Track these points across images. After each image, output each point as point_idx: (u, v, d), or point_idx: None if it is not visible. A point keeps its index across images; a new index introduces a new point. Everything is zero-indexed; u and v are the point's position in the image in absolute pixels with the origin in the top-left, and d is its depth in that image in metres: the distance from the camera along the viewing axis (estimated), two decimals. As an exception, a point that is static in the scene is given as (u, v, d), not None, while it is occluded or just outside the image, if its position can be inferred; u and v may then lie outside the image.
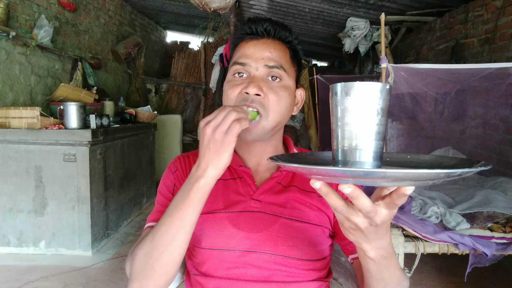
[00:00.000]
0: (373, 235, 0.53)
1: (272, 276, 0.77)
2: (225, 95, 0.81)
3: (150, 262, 0.67)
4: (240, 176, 0.83)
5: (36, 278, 2.43)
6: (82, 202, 2.76)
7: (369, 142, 0.46)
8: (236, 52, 0.84)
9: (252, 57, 0.80)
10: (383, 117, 0.46)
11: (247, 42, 0.82)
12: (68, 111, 2.78)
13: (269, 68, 0.79)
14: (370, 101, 0.45)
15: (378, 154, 0.47)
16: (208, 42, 6.14)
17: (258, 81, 0.78)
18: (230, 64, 0.85)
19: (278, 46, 0.82)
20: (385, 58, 1.90)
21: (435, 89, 3.10)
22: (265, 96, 0.77)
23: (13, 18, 3.12)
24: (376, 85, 0.46)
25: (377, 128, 0.46)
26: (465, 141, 3.61)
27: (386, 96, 0.46)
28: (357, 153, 0.46)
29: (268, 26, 0.82)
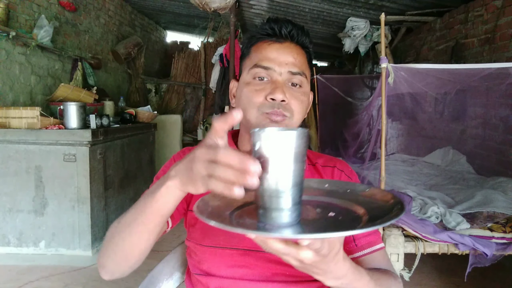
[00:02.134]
0: (322, 269, 0.54)
1: (274, 275, 0.77)
2: (247, 99, 0.79)
3: (111, 246, 0.66)
4: None
5: (36, 278, 2.43)
6: (82, 202, 2.76)
7: (286, 189, 0.47)
8: (255, 52, 0.82)
9: (276, 61, 0.78)
10: (299, 164, 0.47)
11: (269, 44, 0.80)
12: (68, 111, 2.78)
13: (292, 75, 0.79)
14: (283, 150, 0.46)
15: (296, 200, 0.48)
16: (208, 42, 6.14)
17: (282, 87, 0.77)
18: (247, 64, 0.82)
19: (300, 51, 0.81)
20: (385, 58, 1.90)
21: (435, 89, 3.10)
22: (288, 101, 0.77)
23: (13, 18, 3.12)
24: (288, 134, 0.46)
25: (293, 175, 0.47)
26: (465, 141, 3.62)
27: (300, 142, 0.47)
28: (274, 200, 0.48)
29: (292, 29, 0.81)
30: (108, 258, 0.68)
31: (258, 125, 0.78)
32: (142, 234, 0.62)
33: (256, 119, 0.78)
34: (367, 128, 3.98)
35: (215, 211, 0.55)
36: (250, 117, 0.79)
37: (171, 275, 0.94)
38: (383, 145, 1.96)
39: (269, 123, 0.77)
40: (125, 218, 0.64)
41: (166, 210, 0.58)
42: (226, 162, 0.46)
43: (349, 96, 5.01)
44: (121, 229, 0.64)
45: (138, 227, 0.61)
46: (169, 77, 6.33)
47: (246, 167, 0.45)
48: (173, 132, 5.54)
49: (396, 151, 4.73)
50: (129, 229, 0.62)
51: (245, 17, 5.21)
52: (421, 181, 3.09)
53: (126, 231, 0.63)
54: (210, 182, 0.47)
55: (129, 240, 0.63)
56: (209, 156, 0.47)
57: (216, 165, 0.46)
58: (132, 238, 0.63)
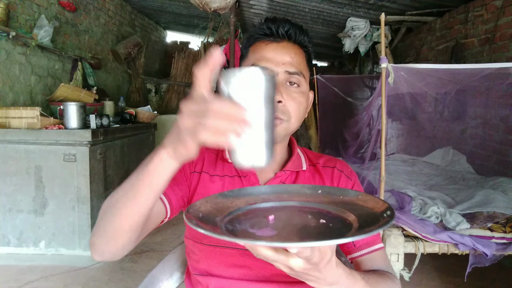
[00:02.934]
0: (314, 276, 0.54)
1: (274, 276, 0.77)
2: None
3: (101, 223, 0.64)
4: (245, 175, 0.84)
5: (36, 278, 2.43)
6: (82, 202, 2.76)
7: (258, 128, 0.46)
8: (253, 52, 0.81)
9: (273, 61, 0.78)
10: (269, 104, 0.46)
11: (266, 44, 0.80)
12: (68, 111, 2.78)
13: (289, 74, 0.78)
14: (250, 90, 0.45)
15: (268, 138, 0.47)
16: (208, 42, 6.14)
17: (279, 88, 0.76)
18: (245, 65, 0.82)
19: (298, 51, 0.81)
20: (385, 58, 1.90)
21: (435, 89, 3.10)
22: (285, 103, 0.77)
23: (13, 18, 3.12)
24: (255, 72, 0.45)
25: (265, 115, 0.46)
26: (465, 141, 3.62)
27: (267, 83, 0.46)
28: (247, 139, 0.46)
29: (290, 29, 0.80)
30: (98, 236, 0.64)
31: None
32: (132, 209, 0.59)
33: None
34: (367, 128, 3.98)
35: (205, 217, 0.54)
36: None
37: (171, 275, 0.94)
38: (383, 145, 1.96)
39: None
40: (117, 193, 0.62)
41: (159, 183, 0.55)
42: (217, 110, 0.43)
43: (349, 96, 5.01)
44: (112, 205, 0.62)
45: (129, 202, 0.58)
46: (169, 77, 6.33)
47: (239, 114, 0.44)
48: (173, 132, 5.53)
49: (396, 151, 4.73)
50: (119, 204, 0.60)
51: (245, 17, 5.21)
52: (421, 181, 3.09)
53: (116, 206, 0.60)
54: (200, 134, 0.44)
55: (119, 215, 0.60)
56: (196, 107, 0.45)
57: (205, 115, 0.44)
58: (121, 213, 0.60)
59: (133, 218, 0.60)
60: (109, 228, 0.62)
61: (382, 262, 0.83)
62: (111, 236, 0.63)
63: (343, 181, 0.86)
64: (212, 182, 0.83)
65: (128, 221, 0.60)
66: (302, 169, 0.85)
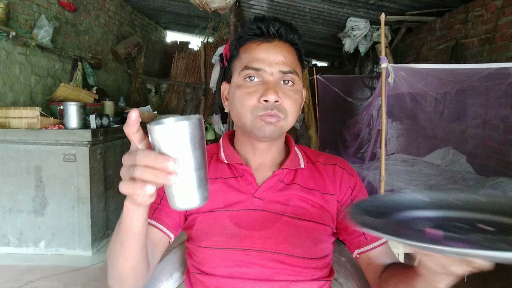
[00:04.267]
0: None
1: (275, 275, 0.77)
2: (240, 102, 0.78)
3: (109, 267, 0.69)
4: (241, 174, 0.83)
5: (36, 278, 2.43)
6: (82, 202, 2.76)
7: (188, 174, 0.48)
8: (245, 53, 0.80)
9: (266, 61, 0.77)
10: (197, 150, 0.49)
11: (258, 45, 0.79)
12: (68, 111, 2.78)
13: (283, 74, 0.78)
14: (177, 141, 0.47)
15: (199, 183, 0.50)
16: (208, 42, 6.14)
17: (274, 87, 0.76)
18: (238, 66, 0.81)
19: (289, 49, 0.81)
20: (385, 58, 1.90)
21: (435, 89, 3.10)
22: (281, 101, 0.77)
23: (13, 18, 3.12)
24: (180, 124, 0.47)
25: (194, 162, 0.49)
26: (465, 141, 3.62)
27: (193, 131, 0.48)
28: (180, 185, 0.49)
29: (280, 27, 0.79)
30: (112, 281, 0.70)
31: (253, 128, 0.77)
32: (124, 254, 0.63)
33: (251, 122, 0.77)
34: (367, 128, 3.98)
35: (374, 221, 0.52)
36: (245, 120, 0.78)
37: (171, 275, 0.94)
38: (383, 145, 1.96)
39: (264, 126, 0.76)
40: (112, 239, 0.66)
41: (137, 227, 0.59)
42: (143, 162, 0.47)
43: (349, 96, 5.01)
44: (110, 253, 0.67)
45: (120, 248, 0.63)
46: (169, 77, 6.33)
47: (161, 165, 0.46)
48: (173, 132, 5.53)
49: (396, 151, 4.73)
50: (114, 251, 0.65)
51: (245, 17, 5.21)
52: (421, 181, 3.09)
53: (113, 253, 0.65)
54: (132, 184, 0.48)
55: (117, 262, 0.65)
56: (130, 161, 0.49)
57: (135, 166, 0.48)
58: (118, 260, 0.65)
59: (131, 262, 0.65)
60: (115, 273, 0.67)
61: (391, 254, 0.84)
62: (120, 279, 0.68)
63: (345, 178, 0.86)
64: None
65: (127, 265, 0.65)
66: (300, 167, 0.85)
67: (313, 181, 0.84)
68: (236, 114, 0.80)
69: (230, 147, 0.86)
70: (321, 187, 0.84)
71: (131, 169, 0.48)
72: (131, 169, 0.48)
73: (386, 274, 0.78)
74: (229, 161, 0.84)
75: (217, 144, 0.90)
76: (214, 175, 0.83)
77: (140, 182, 0.48)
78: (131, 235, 0.60)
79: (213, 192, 0.81)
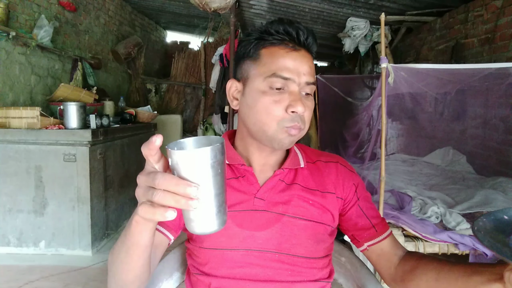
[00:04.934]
0: None
1: (276, 275, 0.77)
2: (265, 110, 0.75)
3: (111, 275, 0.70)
4: (243, 175, 0.83)
5: (36, 278, 2.43)
6: (82, 202, 2.76)
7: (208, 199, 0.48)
8: (269, 58, 0.77)
9: (295, 72, 0.75)
10: (217, 176, 0.48)
11: (287, 52, 0.76)
12: (68, 111, 2.78)
13: (307, 85, 0.77)
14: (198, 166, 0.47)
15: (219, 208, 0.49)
16: (208, 42, 6.14)
17: (301, 98, 0.76)
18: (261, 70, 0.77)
19: (311, 59, 0.80)
20: (385, 58, 1.90)
21: (435, 89, 3.10)
22: (303, 113, 0.76)
23: (13, 18, 3.12)
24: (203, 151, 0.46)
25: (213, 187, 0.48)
26: (465, 141, 3.61)
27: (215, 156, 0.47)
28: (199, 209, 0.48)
29: (309, 37, 0.78)
30: (113, 285, 0.70)
31: (275, 137, 0.76)
32: (129, 264, 0.64)
33: (275, 132, 0.76)
34: (367, 128, 3.98)
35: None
36: (268, 129, 0.76)
37: (171, 275, 0.94)
38: (383, 145, 1.96)
39: (286, 138, 0.76)
40: (115, 249, 0.67)
41: (145, 241, 0.59)
42: (163, 187, 0.47)
43: (349, 96, 5.01)
44: (113, 261, 0.67)
45: (125, 259, 0.64)
46: (169, 77, 6.33)
47: (183, 191, 0.46)
48: (173, 132, 5.53)
49: (396, 151, 4.72)
50: (118, 261, 0.65)
51: (245, 17, 5.21)
52: (421, 181, 3.09)
53: (116, 263, 0.66)
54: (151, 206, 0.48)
55: (121, 270, 0.66)
56: (147, 182, 0.49)
57: (155, 190, 0.47)
58: (123, 269, 0.65)
59: (136, 272, 0.66)
60: (119, 281, 0.68)
61: (399, 243, 0.87)
62: (124, 286, 0.68)
63: (348, 175, 0.88)
64: None
65: (132, 274, 0.66)
66: (300, 167, 0.85)
67: (313, 180, 0.84)
68: (258, 120, 0.77)
69: (231, 148, 0.86)
70: (321, 186, 0.84)
71: (150, 192, 0.48)
72: (149, 191, 0.48)
73: (410, 266, 0.78)
74: (230, 161, 0.84)
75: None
76: None
77: (160, 207, 0.48)
78: (138, 248, 0.61)
79: None
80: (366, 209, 0.87)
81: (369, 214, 0.86)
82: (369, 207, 0.87)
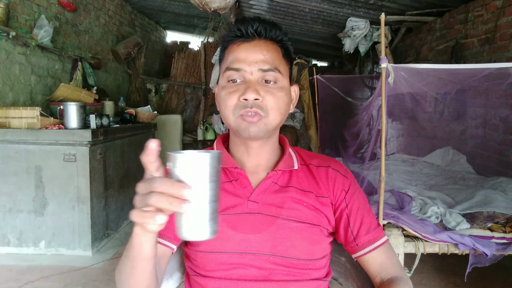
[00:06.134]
0: None
1: (272, 275, 0.77)
2: (223, 103, 0.79)
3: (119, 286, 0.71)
4: (236, 178, 0.83)
5: (36, 278, 2.43)
6: (82, 202, 2.76)
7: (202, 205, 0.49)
8: (227, 55, 0.82)
9: (246, 61, 0.78)
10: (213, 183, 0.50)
11: (238, 45, 0.80)
12: (68, 111, 2.78)
13: (263, 72, 0.78)
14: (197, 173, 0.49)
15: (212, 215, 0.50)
16: (208, 42, 6.14)
17: (254, 86, 0.76)
18: (222, 69, 0.83)
19: (271, 47, 0.80)
20: (385, 58, 1.90)
21: (435, 89, 3.10)
22: (263, 99, 0.77)
23: (13, 18, 3.12)
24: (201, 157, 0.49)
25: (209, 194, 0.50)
26: (465, 141, 3.62)
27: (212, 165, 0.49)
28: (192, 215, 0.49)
29: (259, 26, 0.79)
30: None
31: (238, 129, 0.78)
32: (135, 276, 0.66)
33: (234, 123, 0.78)
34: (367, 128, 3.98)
35: None
36: (229, 121, 0.79)
37: (171, 275, 0.94)
38: (383, 145, 1.96)
39: (247, 126, 0.76)
40: (121, 263, 0.69)
41: (147, 252, 0.61)
42: (159, 189, 0.48)
43: (349, 96, 5.01)
44: (120, 275, 0.70)
45: (130, 272, 0.66)
46: (169, 77, 6.33)
47: (178, 192, 0.47)
48: (173, 132, 5.54)
49: (396, 151, 4.73)
50: (125, 275, 0.68)
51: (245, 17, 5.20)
52: (421, 181, 3.09)
53: (123, 277, 0.68)
54: (146, 212, 0.49)
55: (128, 284, 0.68)
56: (145, 188, 0.50)
57: (151, 193, 0.48)
58: (130, 282, 0.68)
59: (142, 284, 0.68)
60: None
61: (385, 257, 0.83)
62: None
63: (339, 180, 0.85)
64: None
65: (139, 286, 0.68)
66: (294, 168, 0.85)
67: (307, 183, 0.84)
68: (222, 115, 0.81)
69: (224, 151, 0.86)
70: (315, 189, 0.83)
71: (146, 196, 0.49)
72: (146, 196, 0.49)
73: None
74: (223, 164, 0.83)
75: (210, 148, 0.90)
76: None
77: (150, 212, 0.49)
78: (141, 260, 0.62)
79: None
80: (354, 219, 0.83)
81: (355, 225, 0.83)
82: (357, 217, 0.83)
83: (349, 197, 0.84)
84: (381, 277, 0.82)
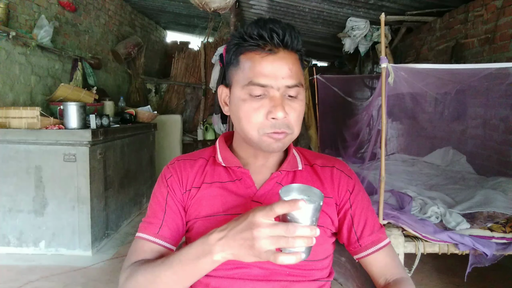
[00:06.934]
0: None
1: (274, 275, 0.77)
2: (246, 118, 0.75)
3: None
4: (239, 178, 0.82)
5: (36, 278, 2.43)
6: (82, 202, 2.76)
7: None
8: (247, 63, 0.75)
9: (272, 77, 0.73)
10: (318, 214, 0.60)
11: (263, 57, 0.73)
12: (68, 111, 2.78)
13: (288, 88, 0.75)
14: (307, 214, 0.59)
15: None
16: (208, 42, 6.14)
17: (281, 103, 0.73)
18: (240, 77, 0.76)
19: (294, 58, 0.76)
20: (385, 58, 1.89)
21: (435, 89, 3.10)
22: (287, 115, 0.75)
23: (13, 18, 3.12)
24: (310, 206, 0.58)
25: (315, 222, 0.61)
26: (465, 141, 3.61)
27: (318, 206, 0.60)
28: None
29: (285, 36, 0.73)
30: None
31: (260, 144, 0.76)
32: (177, 284, 0.69)
33: (258, 139, 0.76)
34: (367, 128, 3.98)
35: None
36: (251, 136, 0.76)
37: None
38: (383, 145, 1.95)
39: (272, 143, 0.75)
40: (152, 269, 0.71)
41: (206, 272, 0.67)
42: (298, 235, 0.56)
43: (349, 96, 5.01)
44: (154, 276, 0.70)
45: (173, 281, 0.69)
46: (169, 77, 6.33)
47: (314, 233, 0.56)
48: (173, 132, 5.54)
49: (396, 151, 4.72)
50: (164, 277, 0.69)
51: (245, 17, 5.21)
52: (421, 181, 3.09)
53: (160, 279, 0.69)
54: (277, 254, 0.57)
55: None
56: (277, 232, 0.57)
57: (287, 239, 0.56)
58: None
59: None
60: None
61: (389, 258, 0.84)
62: None
63: (344, 180, 0.85)
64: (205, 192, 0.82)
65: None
66: (298, 169, 0.85)
67: (311, 183, 0.84)
68: (242, 128, 0.77)
69: (227, 150, 0.86)
70: (320, 189, 0.83)
71: (282, 241, 0.56)
72: (281, 240, 0.56)
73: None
74: (226, 164, 0.83)
75: (213, 147, 0.89)
76: (211, 179, 0.83)
77: (296, 253, 0.57)
78: (194, 278, 0.68)
79: (212, 197, 0.81)
80: (358, 219, 0.83)
81: (359, 226, 0.83)
82: (361, 217, 0.83)
83: (354, 198, 0.84)
84: (386, 278, 0.83)
